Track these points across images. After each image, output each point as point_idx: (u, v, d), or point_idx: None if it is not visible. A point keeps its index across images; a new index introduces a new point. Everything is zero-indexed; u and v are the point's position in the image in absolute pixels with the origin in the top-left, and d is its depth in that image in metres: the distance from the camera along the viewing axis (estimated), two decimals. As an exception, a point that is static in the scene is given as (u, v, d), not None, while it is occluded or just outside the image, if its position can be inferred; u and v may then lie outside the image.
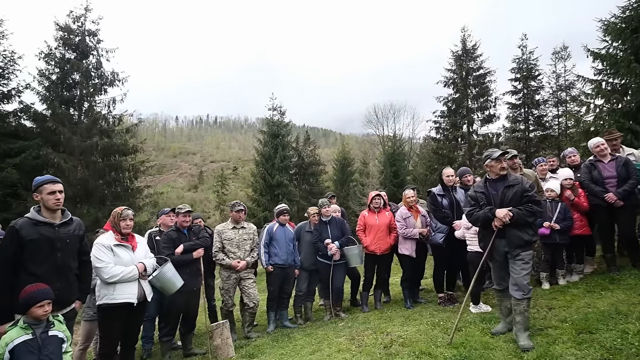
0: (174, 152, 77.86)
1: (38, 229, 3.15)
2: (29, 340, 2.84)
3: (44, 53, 16.43)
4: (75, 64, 16.49)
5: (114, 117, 17.40)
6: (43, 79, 16.35)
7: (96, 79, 17.18)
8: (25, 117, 16.49)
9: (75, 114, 16.90)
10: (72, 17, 16.85)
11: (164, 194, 27.63)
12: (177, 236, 4.93)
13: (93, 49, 17.16)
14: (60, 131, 15.28)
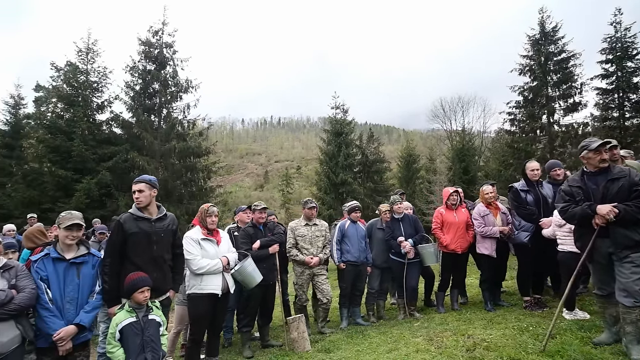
0: (240, 153, 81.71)
1: (138, 223, 3.46)
2: (134, 322, 3.15)
3: (129, 66, 18.15)
4: (155, 74, 17.98)
5: (188, 121, 18.65)
6: (129, 89, 18.07)
7: (173, 87, 18.55)
8: (115, 125, 18.41)
9: (155, 120, 18.43)
10: (152, 32, 18.40)
11: (233, 193, 29.07)
12: (254, 232, 5.10)
13: (169, 60, 18.56)
14: (144, 136, 16.75)
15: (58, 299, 3.02)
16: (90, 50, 19.05)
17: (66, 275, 3.09)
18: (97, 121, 18.40)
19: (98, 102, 18.66)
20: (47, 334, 2.92)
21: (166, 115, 18.41)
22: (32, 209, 15.48)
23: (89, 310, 3.15)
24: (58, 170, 15.92)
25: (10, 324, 2.70)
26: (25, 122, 25.58)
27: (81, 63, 19.00)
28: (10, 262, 2.91)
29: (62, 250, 3.14)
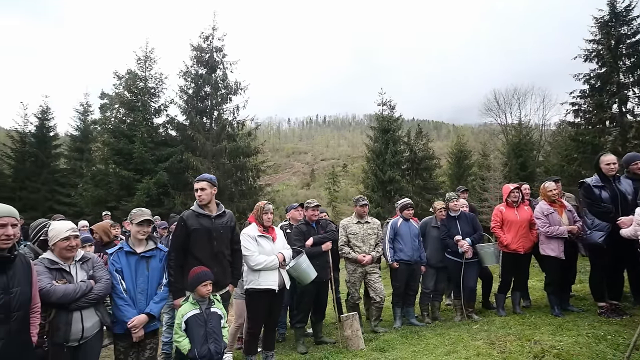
0: (287, 152, 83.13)
1: (199, 220, 3.61)
2: (198, 314, 3.29)
3: (182, 72, 19.10)
4: (206, 78, 18.76)
5: (238, 122, 19.27)
6: (183, 94, 19.02)
7: (223, 89, 19.24)
8: (171, 128, 19.48)
9: (207, 122, 19.25)
10: (203, 37, 19.22)
11: (280, 191, 29.60)
12: (307, 229, 5.14)
13: (219, 63, 19.26)
14: (197, 138, 17.54)
15: (131, 289, 3.24)
16: (148, 58, 20.30)
17: (137, 268, 3.30)
18: (155, 124, 19.59)
19: (155, 106, 19.86)
20: (123, 321, 3.14)
21: (217, 117, 19.16)
22: (100, 207, 16.81)
23: (158, 301, 3.34)
24: (121, 171, 17.16)
25: (91, 311, 2.92)
26: (92, 127, 27.90)
27: (140, 70, 20.30)
28: (87, 255, 3.14)
29: (134, 244, 3.35)
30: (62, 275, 2.86)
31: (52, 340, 2.73)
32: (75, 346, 2.84)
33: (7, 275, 2.34)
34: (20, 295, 2.38)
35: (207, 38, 19.17)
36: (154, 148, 18.21)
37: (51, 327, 2.74)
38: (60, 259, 2.90)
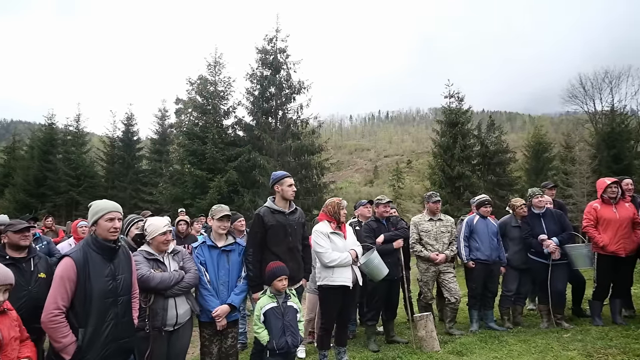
0: (349, 149, 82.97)
1: (275, 216, 3.72)
2: (275, 307, 3.38)
3: (248, 74, 19.92)
4: (271, 79, 19.36)
5: (302, 121, 19.64)
6: (249, 95, 19.84)
7: (287, 89, 19.73)
8: (239, 128, 20.43)
9: (272, 121, 19.88)
10: (267, 40, 19.86)
11: (343, 189, 29.70)
12: (377, 226, 5.06)
13: (283, 64, 19.76)
14: (263, 137, 18.18)
15: (214, 280, 3.44)
16: (217, 64, 21.52)
17: (219, 261, 3.49)
18: (224, 126, 20.70)
19: (224, 108, 21.00)
20: (208, 310, 3.34)
21: (282, 116, 19.72)
22: (177, 204, 18.18)
23: (238, 293, 3.50)
24: (195, 171, 18.39)
25: (182, 299, 3.16)
26: (169, 130, 30.26)
27: (210, 75, 21.57)
28: (177, 248, 3.39)
29: (215, 239, 3.54)
30: (158, 265, 3.13)
31: (152, 323, 3.00)
32: (170, 331, 3.10)
33: (113, 263, 2.61)
34: (124, 282, 2.65)
35: (271, 40, 19.77)
36: (224, 148, 19.25)
37: (151, 311, 3.02)
38: (156, 251, 3.17)
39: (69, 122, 29.47)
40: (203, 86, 22.29)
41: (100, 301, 2.48)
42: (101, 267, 2.54)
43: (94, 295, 2.45)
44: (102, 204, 2.70)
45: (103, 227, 2.60)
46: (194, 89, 28.82)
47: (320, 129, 21.05)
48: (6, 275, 2.16)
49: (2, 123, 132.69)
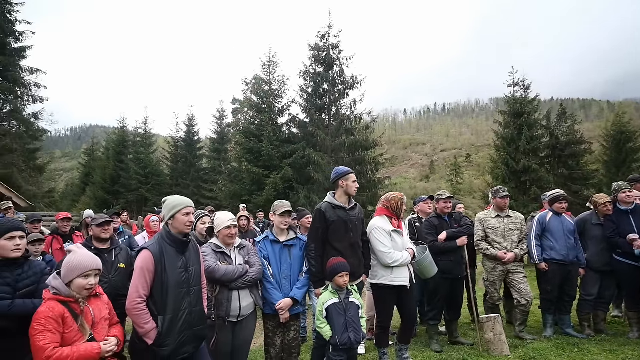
0: (404, 144, 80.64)
1: (336, 212, 3.70)
2: (337, 303, 3.37)
3: (302, 72, 20.12)
4: (324, 75, 19.39)
5: (355, 116, 19.46)
6: (303, 92, 20.05)
7: (340, 85, 19.66)
8: (293, 126, 20.77)
9: (326, 118, 19.92)
10: (319, 36, 19.88)
11: (397, 184, 28.95)
12: (439, 223, 4.86)
13: (336, 60, 19.68)
14: (317, 134, 18.28)
15: (277, 274, 3.50)
16: (271, 63, 22.03)
17: (281, 255, 3.55)
18: (279, 124, 21.15)
19: (279, 106, 21.46)
20: (271, 303, 3.42)
21: (335, 112, 19.71)
22: (236, 200, 18.95)
23: (300, 287, 3.54)
24: (252, 168, 18.99)
25: (246, 292, 3.26)
26: (227, 130, 31.60)
27: (265, 74, 22.12)
28: (244, 242, 3.50)
29: (277, 234, 3.60)
30: (224, 258, 3.26)
31: (217, 313, 3.13)
32: (234, 322, 3.21)
33: (185, 256, 2.75)
34: (195, 273, 2.79)
35: (324, 36, 19.79)
36: (279, 145, 19.69)
37: (216, 301, 3.15)
38: (222, 244, 3.30)
39: (138, 125, 31.99)
40: (258, 86, 22.96)
41: (175, 291, 2.63)
42: (175, 260, 2.69)
43: (169, 286, 2.60)
44: (178, 199, 2.84)
45: (180, 221, 2.74)
46: (249, 89, 29.89)
47: (374, 124, 20.75)
48: (96, 261, 2.38)
49: (83, 128, 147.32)
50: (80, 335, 2.23)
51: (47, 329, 2.11)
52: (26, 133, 22.24)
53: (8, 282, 2.47)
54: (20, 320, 2.36)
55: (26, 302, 2.46)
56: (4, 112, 21.14)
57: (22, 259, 2.61)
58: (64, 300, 2.24)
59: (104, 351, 2.26)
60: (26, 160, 21.85)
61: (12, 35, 21.55)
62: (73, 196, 35.17)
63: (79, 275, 2.28)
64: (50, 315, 2.14)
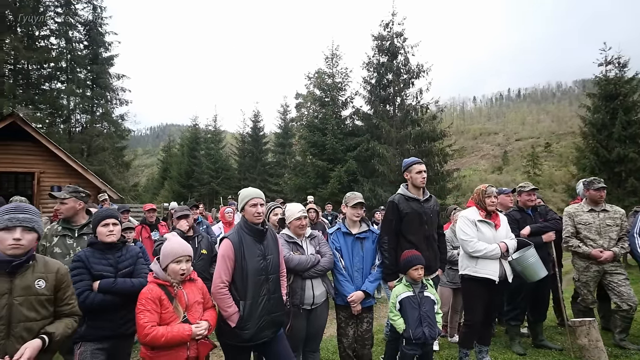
0: (473, 134, 75.98)
1: (410, 204, 3.59)
2: (411, 296, 3.29)
3: (365, 63, 19.85)
4: (388, 65, 18.93)
5: (421, 106, 18.75)
6: (366, 84, 19.78)
7: (404, 74, 19.07)
8: (357, 118, 20.63)
9: (390, 109, 19.47)
10: (382, 25, 19.43)
11: (466, 177, 27.33)
12: (521, 217, 4.50)
13: (400, 49, 19.10)
14: (382, 125, 17.94)
15: (349, 266, 3.48)
16: (334, 56, 22.01)
17: (353, 248, 3.51)
18: (343, 117, 21.12)
19: (342, 99, 21.40)
20: (343, 295, 3.41)
21: (400, 103, 19.18)
22: (300, 193, 19.35)
23: (372, 281, 3.48)
24: (317, 161, 19.23)
25: (319, 282, 3.29)
26: (291, 124, 32.37)
27: (327, 68, 22.16)
28: (314, 233, 3.52)
29: (349, 226, 3.57)
30: (297, 248, 3.31)
31: (292, 301, 3.20)
32: (308, 309, 3.26)
33: (263, 245, 2.84)
34: (273, 261, 2.87)
35: (387, 25, 19.30)
36: (343, 138, 19.69)
37: (291, 289, 3.22)
38: (294, 234, 3.36)
39: (208, 122, 34.18)
40: (321, 79, 23.11)
41: (255, 278, 2.73)
42: (253, 248, 2.79)
43: (249, 272, 2.71)
44: (246, 191, 2.95)
45: (248, 212, 2.85)
46: (312, 83, 30.25)
47: (442, 113, 19.84)
48: (186, 248, 2.56)
49: (160, 127, 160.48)
50: (175, 316, 2.41)
51: (146, 308, 2.34)
52: (115, 133, 24.85)
53: (111, 263, 2.76)
54: (122, 296, 2.65)
55: (126, 280, 2.72)
56: (97, 115, 23.81)
57: (121, 244, 2.89)
58: (161, 284, 2.46)
59: (194, 333, 2.42)
60: (115, 157, 24.43)
61: (103, 46, 24.14)
62: (153, 189, 38.65)
63: (172, 260, 2.47)
64: (149, 296, 2.37)
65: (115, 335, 2.67)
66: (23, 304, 1.98)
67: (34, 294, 2.03)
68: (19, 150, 12.93)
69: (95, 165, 20.17)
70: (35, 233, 2.08)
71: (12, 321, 1.94)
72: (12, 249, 1.97)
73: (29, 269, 2.06)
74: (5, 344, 1.90)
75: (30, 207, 2.12)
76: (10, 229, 1.98)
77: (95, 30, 23.82)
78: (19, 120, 12.26)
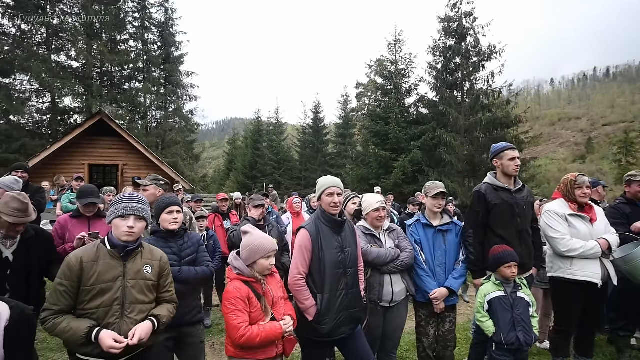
0: (551, 119, 69.02)
1: (499, 194, 3.23)
2: (502, 297, 2.96)
3: (430, 47, 18.84)
4: (456, 48, 17.79)
5: (493, 91, 17.38)
6: (431, 70, 18.79)
7: (474, 57, 17.79)
8: (422, 106, 19.74)
9: (458, 95, 18.33)
10: (450, 6, 18.23)
11: (542, 166, 24.86)
12: (631, 210, 3.88)
13: (470, 30, 17.82)
14: (449, 113, 16.94)
15: (430, 261, 3.22)
16: (397, 41, 21.21)
17: (435, 241, 3.25)
18: (406, 105, 20.36)
19: (406, 87, 20.61)
20: (424, 291, 3.17)
21: (469, 88, 17.99)
22: (363, 184, 19.06)
23: (457, 277, 3.20)
24: (380, 152, 18.77)
25: (398, 278, 3.08)
26: (351, 114, 32.03)
27: (390, 54, 21.43)
28: (392, 226, 3.30)
29: (429, 217, 3.30)
30: (374, 241, 3.13)
31: (369, 296, 3.03)
32: (386, 307, 3.07)
33: (341, 236, 2.70)
34: (351, 254, 2.72)
35: (455, 5, 18.10)
36: (407, 127, 18.98)
37: (368, 285, 3.05)
38: (371, 226, 3.17)
39: (270, 115, 34.94)
40: (383, 67, 22.45)
41: (333, 271, 2.60)
42: (331, 239, 2.66)
43: (327, 265, 2.59)
44: (323, 180, 2.82)
45: (325, 202, 2.72)
46: (373, 72, 29.54)
47: (516, 97, 18.26)
48: (274, 243, 2.46)
49: (225, 120, 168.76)
50: (263, 314, 2.32)
51: (237, 308, 2.24)
52: (185, 127, 26.48)
53: (174, 252, 2.76)
54: (186, 285, 2.65)
55: (190, 269, 2.72)
56: (169, 111, 25.51)
57: (182, 231, 2.86)
58: (247, 280, 2.35)
59: (284, 331, 2.33)
60: (186, 150, 26.05)
61: (174, 46, 25.74)
62: (220, 180, 40.72)
63: (262, 256, 2.36)
64: (238, 295, 2.27)
65: (181, 324, 2.67)
66: (134, 287, 2.09)
67: (143, 279, 2.13)
68: (105, 145, 14.28)
69: (168, 157, 21.64)
70: (144, 222, 2.17)
71: (125, 302, 2.05)
72: (126, 236, 2.09)
73: (138, 254, 2.17)
74: (120, 324, 2.01)
75: (142, 198, 2.22)
76: (125, 217, 2.10)
77: (167, 31, 25.47)
78: (105, 118, 13.52)
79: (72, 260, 2.00)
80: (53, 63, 19.81)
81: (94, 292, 1.98)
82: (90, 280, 1.99)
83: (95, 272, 2.01)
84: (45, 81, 19.18)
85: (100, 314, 1.98)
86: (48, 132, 20.32)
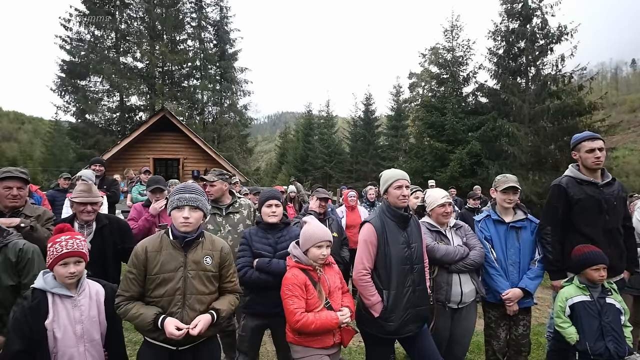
0: (630, 105, 61.48)
1: (583, 188, 2.92)
2: (588, 302, 2.70)
3: (491, 32, 17.62)
4: (520, 31, 16.50)
5: (563, 76, 15.95)
6: (492, 56, 17.60)
7: (541, 40, 16.40)
8: (481, 94, 18.63)
9: (522, 82, 17.04)
10: (514, -16, 16.88)
11: (619, 158, 22.36)
12: None
13: (536, 10, 16.41)
14: (511, 101, 15.80)
15: (502, 259, 3.01)
16: (454, 27, 20.17)
17: (507, 238, 3.02)
18: (464, 94, 19.37)
19: (463, 75, 19.58)
20: (495, 291, 2.96)
21: (535, 74, 16.63)
22: (417, 177, 18.48)
23: (533, 278, 2.95)
24: (435, 143, 18.07)
25: (467, 277, 2.90)
26: (404, 106, 31.19)
27: (447, 42, 20.45)
28: (459, 222, 3.11)
29: (500, 212, 3.08)
30: (441, 238, 2.97)
31: (436, 296, 2.88)
32: (455, 308, 2.90)
33: (406, 231, 2.59)
34: (417, 250, 2.61)
35: (519, -17, 16.78)
36: (465, 117, 18.08)
37: (435, 284, 2.90)
38: (436, 223, 3.02)
39: (321, 108, 35.07)
40: (438, 55, 21.53)
41: (399, 267, 2.51)
42: (396, 234, 2.56)
43: (392, 260, 2.50)
44: (390, 172, 2.72)
45: (393, 194, 2.61)
46: (427, 60, 28.45)
47: (590, 82, 16.61)
48: (327, 233, 2.46)
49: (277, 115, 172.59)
50: (319, 302, 2.34)
51: (294, 294, 2.29)
52: (240, 122, 27.38)
53: (270, 243, 2.82)
54: (275, 277, 2.65)
55: (280, 262, 2.73)
56: (225, 106, 26.52)
57: (282, 225, 2.92)
58: (304, 268, 2.39)
59: (340, 322, 2.33)
60: (240, 144, 26.95)
61: (229, 43, 26.62)
62: (272, 173, 41.76)
63: (313, 245, 2.40)
64: (296, 282, 2.31)
65: (271, 314, 2.71)
66: (195, 277, 2.13)
67: (203, 269, 2.16)
68: (167, 140, 15.18)
69: (224, 151, 22.50)
70: (200, 211, 2.19)
71: (187, 292, 2.09)
72: (183, 227, 2.12)
73: (199, 245, 2.20)
74: (182, 313, 2.07)
75: (196, 188, 2.25)
76: (180, 207, 2.13)
77: (222, 29, 26.40)
78: (167, 114, 14.34)
79: (139, 249, 2.10)
80: (121, 64, 21.38)
81: (157, 281, 2.06)
82: (154, 269, 2.07)
83: (159, 261, 2.08)
84: (115, 82, 20.77)
85: (164, 303, 2.05)
86: (117, 129, 22.04)
